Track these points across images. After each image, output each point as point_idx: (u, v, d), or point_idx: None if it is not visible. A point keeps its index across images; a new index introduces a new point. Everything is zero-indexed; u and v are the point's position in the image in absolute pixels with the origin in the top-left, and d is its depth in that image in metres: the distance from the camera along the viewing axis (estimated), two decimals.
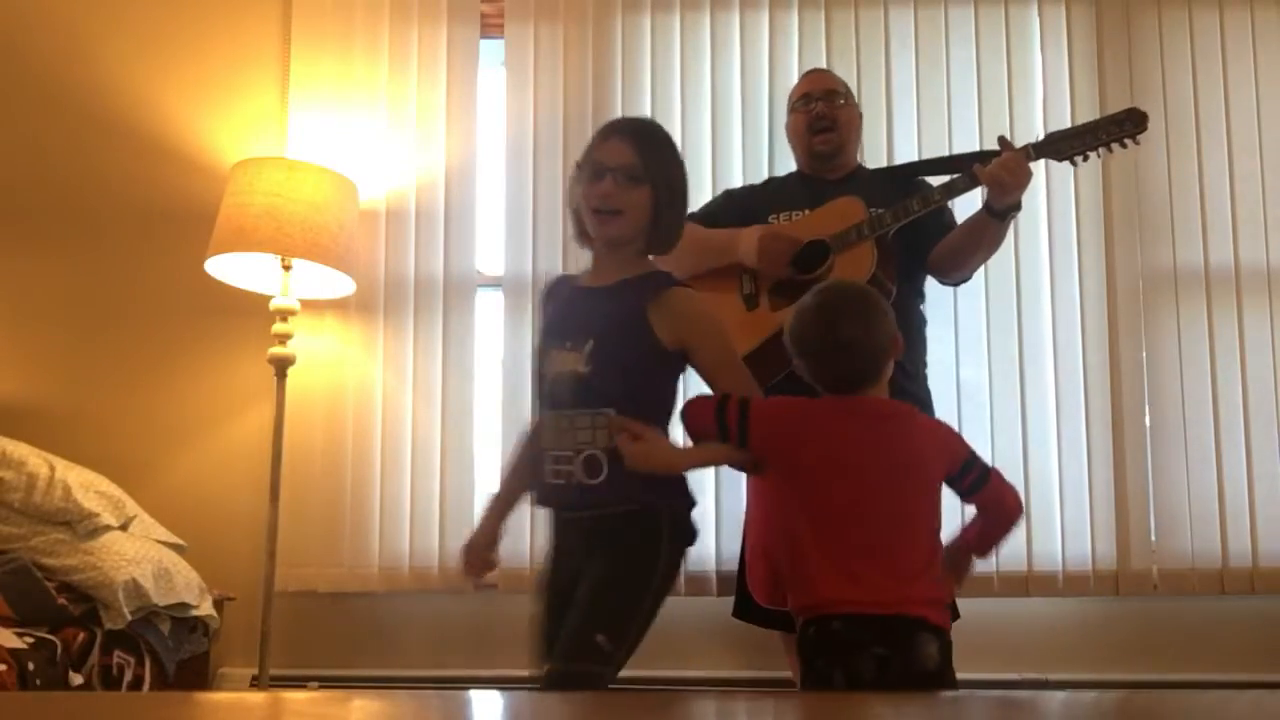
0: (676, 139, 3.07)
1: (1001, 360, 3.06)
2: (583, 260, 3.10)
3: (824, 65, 3.14)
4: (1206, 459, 3.03)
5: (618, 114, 3.17)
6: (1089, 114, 3.14)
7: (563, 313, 2.03)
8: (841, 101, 2.67)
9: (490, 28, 3.28)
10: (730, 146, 3.15)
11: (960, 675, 2.47)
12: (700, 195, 3.11)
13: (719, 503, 3.00)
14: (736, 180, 3.08)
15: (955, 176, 2.45)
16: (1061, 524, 3.00)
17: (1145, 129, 2.41)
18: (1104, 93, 3.17)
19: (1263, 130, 3.15)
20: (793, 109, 2.71)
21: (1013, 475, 2.93)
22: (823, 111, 2.63)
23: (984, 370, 3.04)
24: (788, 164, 3.04)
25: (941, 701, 1.43)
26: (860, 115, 2.76)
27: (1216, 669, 2.95)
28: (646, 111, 3.17)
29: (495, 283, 3.17)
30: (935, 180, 2.54)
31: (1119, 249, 3.11)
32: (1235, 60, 3.18)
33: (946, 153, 3.08)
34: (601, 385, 1.88)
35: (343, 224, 2.86)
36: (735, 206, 2.68)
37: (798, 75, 3.16)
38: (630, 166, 1.93)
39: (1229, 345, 3.08)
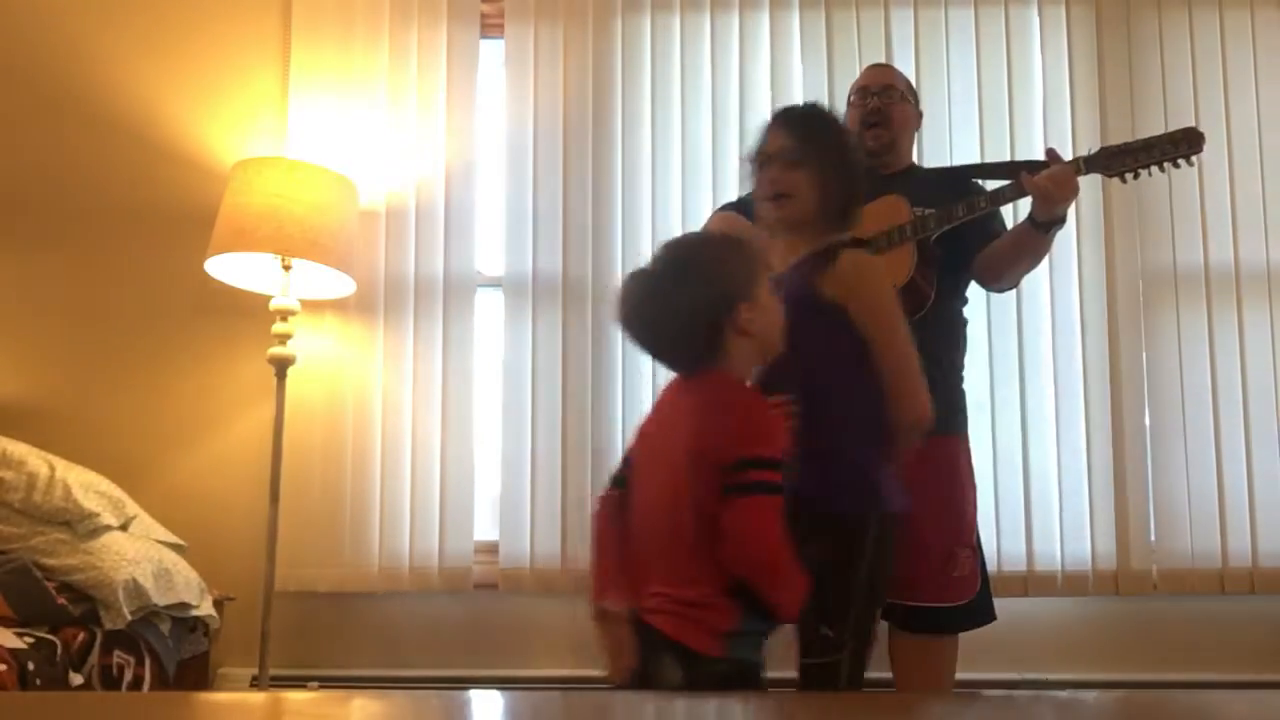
0: (676, 139, 3.17)
1: (1002, 360, 3.06)
2: (575, 260, 3.13)
3: (828, 65, 3.15)
4: (1206, 459, 3.03)
5: (618, 114, 3.19)
6: (1089, 114, 3.15)
7: None
8: (898, 97, 2.64)
9: (490, 28, 3.28)
10: (730, 147, 3.15)
11: (960, 675, 2.50)
12: (699, 195, 3.13)
13: None
14: (735, 182, 3.08)
15: (1004, 184, 2.42)
16: (1061, 524, 3.00)
17: (1200, 150, 2.36)
18: (1104, 93, 3.16)
19: (1263, 130, 3.14)
20: (849, 102, 2.68)
21: (1013, 474, 3.00)
22: (877, 107, 2.60)
23: (984, 370, 3.04)
24: None
25: (941, 702, 1.43)
26: (920, 114, 2.75)
27: (1216, 669, 2.95)
28: (646, 112, 3.17)
29: (495, 283, 3.17)
30: (989, 184, 2.51)
31: (1119, 249, 3.10)
32: (1235, 60, 3.18)
33: (946, 154, 3.10)
34: None
35: (343, 224, 2.86)
36: None
37: (798, 76, 3.18)
38: (789, 150, 1.99)
39: (1229, 345, 3.08)
